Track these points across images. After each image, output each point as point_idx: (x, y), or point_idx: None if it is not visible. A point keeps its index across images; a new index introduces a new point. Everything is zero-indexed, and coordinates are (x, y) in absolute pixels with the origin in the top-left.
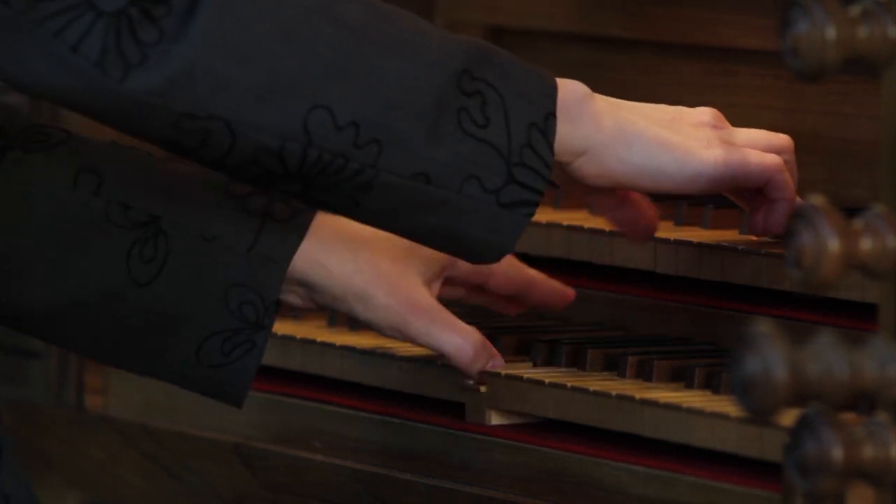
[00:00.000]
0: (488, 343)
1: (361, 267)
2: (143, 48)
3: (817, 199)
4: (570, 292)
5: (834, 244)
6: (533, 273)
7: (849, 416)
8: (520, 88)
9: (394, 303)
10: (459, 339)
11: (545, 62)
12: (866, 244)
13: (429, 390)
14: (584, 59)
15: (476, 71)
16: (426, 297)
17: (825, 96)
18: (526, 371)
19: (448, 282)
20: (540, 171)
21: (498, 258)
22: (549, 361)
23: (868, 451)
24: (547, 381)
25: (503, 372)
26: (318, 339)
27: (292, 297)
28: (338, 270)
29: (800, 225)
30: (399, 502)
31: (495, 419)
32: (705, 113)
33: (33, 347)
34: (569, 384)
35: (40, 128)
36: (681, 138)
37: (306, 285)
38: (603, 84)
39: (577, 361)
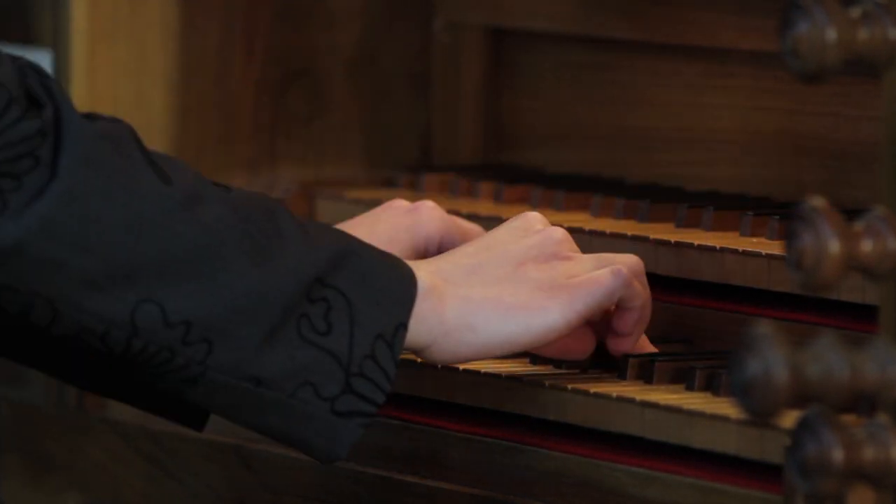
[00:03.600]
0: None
1: None
2: None
3: (818, 201)
4: None
5: (834, 246)
6: None
7: (849, 418)
8: (374, 296)
9: None
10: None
11: (545, 63)
12: (867, 246)
13: (429, 391)
14: (585, 60)
15: (329, 278)
16: None
17: (825, 98)
18: (526, 373)
19: None
20: (380, 383)
21: (330, 462)
22: (550, 363)
23: (868, 453)
24: (547, 383)
25: (504, 374)
26: None
27: None
28: None
29: (800, 226)
30: None
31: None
32: (552, 241)
33: None
34: (569, 386)
35: None
36: (524, 296)
37: None
38: (603, 85)
39: (577, 363)
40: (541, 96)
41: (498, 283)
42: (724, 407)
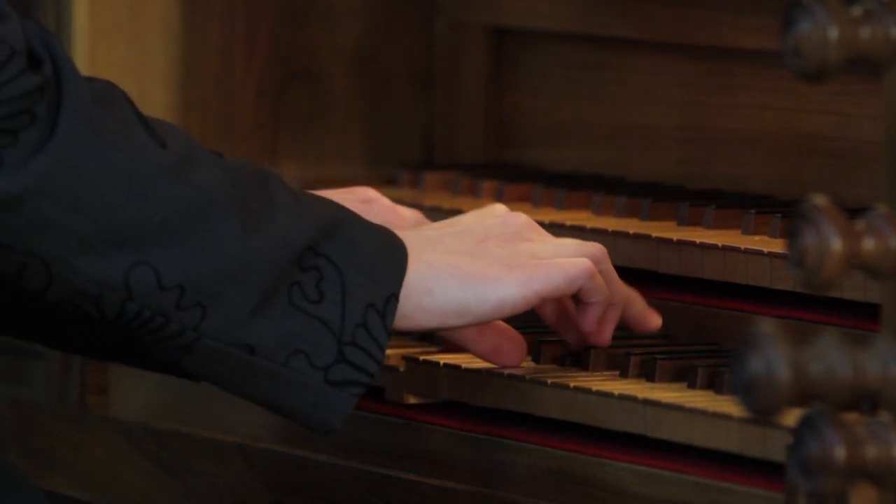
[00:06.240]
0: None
1: None
2: None
3: (820, 200)
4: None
5: (836, 244)
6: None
7: (851, 416)
8: (365, 266)
9: None
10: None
11: (547, 61)
12: (869, 244)
13: (429, 391)
14: (585, 59)
15: (320, 247)
16: None
17: (827, 97)
18: (529, 371)
19: None
20: (372, 353)
21: (325, 433)
22: (552, 361)
23: (871, 451)
24: (550, 381)
25: (506, 372)
26: None
27: None
28: None
29: (802, 225)
30: (401, 503)
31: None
32: (514, 224)
33: (35, 347)
34: (571, 384)
35: None
36: (483, 267)
37: None
38: (604, 84)
39: (579, 361)
40: (542, 95)
41: (458, 253)
42: (727, 405)
